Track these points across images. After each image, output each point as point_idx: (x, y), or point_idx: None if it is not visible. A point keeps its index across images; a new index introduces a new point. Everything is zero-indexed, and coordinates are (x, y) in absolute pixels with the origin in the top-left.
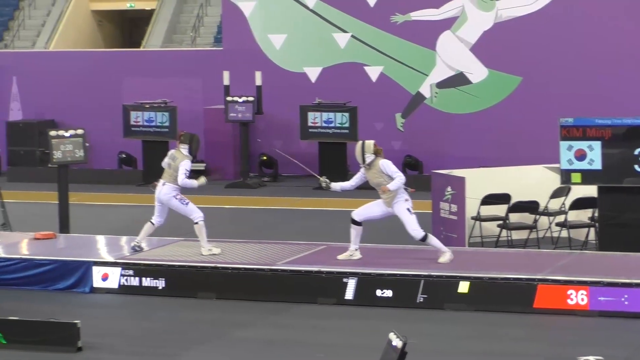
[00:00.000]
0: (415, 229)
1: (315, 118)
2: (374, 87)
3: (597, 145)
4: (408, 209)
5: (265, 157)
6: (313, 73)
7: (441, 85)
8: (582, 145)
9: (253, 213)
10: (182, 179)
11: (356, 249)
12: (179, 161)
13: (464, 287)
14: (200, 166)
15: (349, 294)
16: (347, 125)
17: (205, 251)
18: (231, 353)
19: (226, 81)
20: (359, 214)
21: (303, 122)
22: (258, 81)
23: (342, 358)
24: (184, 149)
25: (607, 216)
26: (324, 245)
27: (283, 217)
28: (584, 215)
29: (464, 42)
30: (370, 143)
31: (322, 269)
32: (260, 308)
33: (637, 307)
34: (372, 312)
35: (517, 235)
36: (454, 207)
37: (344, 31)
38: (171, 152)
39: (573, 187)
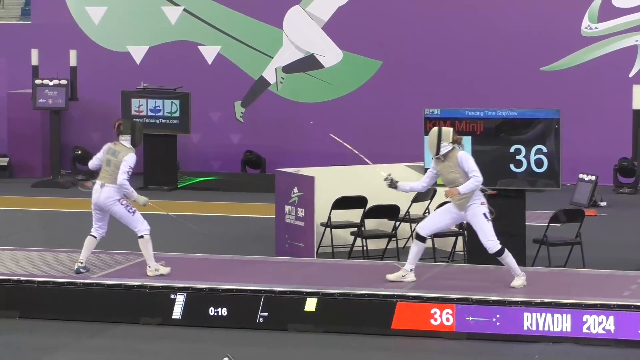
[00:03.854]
0: (491, 240)
1: (140, 106)
2: (209, 70)
3: (467, 141)
4: (485, 215)
5: (79, 151)
6: (138, 53)
7: (288, 69)
8: None
9: (65, 216)
10: (123, 178)
11: (411, 270)
12: (122, 155)
13: (311, 304)
14: (2, 161)
15: (177, 313)
16: (177, 114)
17: (152, 272)
18: None
19: (34, 61)
20: (425, 227)
21: (125, 111)
22: (73, 61)
23: None
24: (125, 140)
25: None
26: None
27: None
28: None
29: (315, 20)
30: (449, 130)
31: (146, 283)
32: (73, 329)
33: (510, 329)
34: (204, 333)
35: (373, 244)
36: (302, 212)
37: (175, 4)
38: (107, 145)
39: (438, 189)
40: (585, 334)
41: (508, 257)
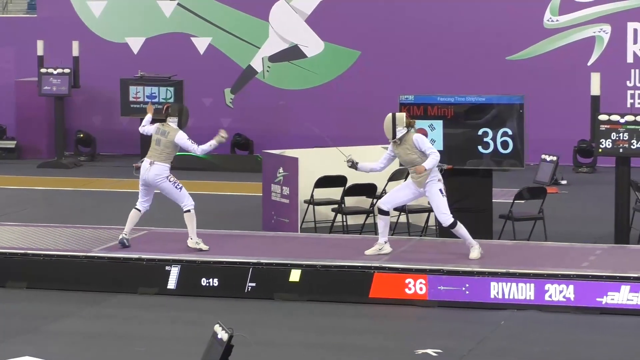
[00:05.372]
0: (444, 214)
1: (137, 92)
2: (201, 59)
3: (438, 124)
4: (440, 190)
5: (82, 135)
6: (135, 44)
7: (274, 59)
8: (423, 124)
9: (68, 195)
10: (197, 148)
11: (385, 242)
12: (172, 135)
13: (295, 275)
14: (10, 144)
15: (172, 283)
16: (172, 100)
17: (193, 243)
18: (45, 348)
19: (40, 51)
20: (386, 202)
21: (124, 97)
22: (75, 52)
23: (165, 352)
24: (172, 122)
25: (449, 200)
26: (145, 230)
27: (101, 200)
28: (424, 199)
29: (298, 13)
30: (402, 115)
31: (143, 256)
32: (76, 299)
33: (479, 297)
34: (197, 302)
35: (353, 220)
36: (286, 190)
37: None
38: (156, 125)
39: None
40: (547, 302)
41: (461, 229)
